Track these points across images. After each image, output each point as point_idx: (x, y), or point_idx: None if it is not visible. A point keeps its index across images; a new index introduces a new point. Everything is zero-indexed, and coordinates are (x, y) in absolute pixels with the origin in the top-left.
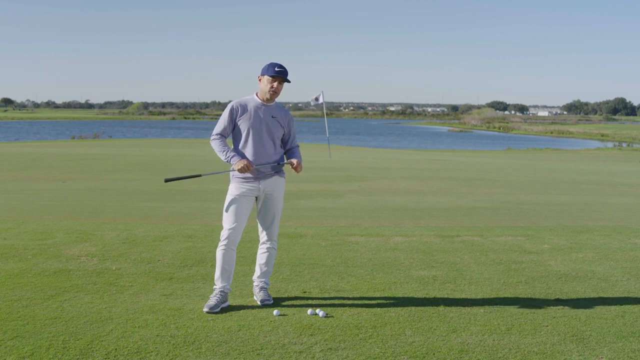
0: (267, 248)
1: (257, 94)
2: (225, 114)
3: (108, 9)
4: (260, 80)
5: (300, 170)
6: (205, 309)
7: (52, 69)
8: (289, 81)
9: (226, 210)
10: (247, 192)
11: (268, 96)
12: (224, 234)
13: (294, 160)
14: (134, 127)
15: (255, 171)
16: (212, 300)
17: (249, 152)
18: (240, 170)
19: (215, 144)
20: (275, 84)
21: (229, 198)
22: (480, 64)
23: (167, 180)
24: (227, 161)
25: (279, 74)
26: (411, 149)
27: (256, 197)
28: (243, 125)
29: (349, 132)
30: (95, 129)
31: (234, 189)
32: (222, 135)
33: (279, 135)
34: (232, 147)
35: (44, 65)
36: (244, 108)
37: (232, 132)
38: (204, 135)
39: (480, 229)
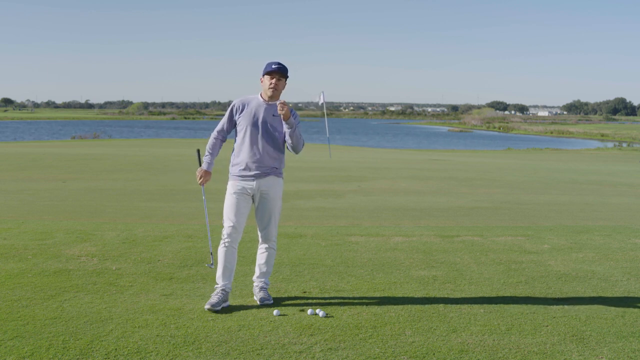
0: (266, 248)
1: (260, 94)
2: (227, 112)
3: (108, 9)
4: (262, 81)
5: (283, 109)
6: (207, 306)
7: (52, 69)
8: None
9: (225, 209)
10: (243, 190)
11: (270, 93)
12: (224, 232)
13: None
14: (130, 127)
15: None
16: (214, 298)
17: (245, 150)
18: (197, 178)
19: (209, 142)
20: (274, 81)
21: (227, 196)
22: (480, 64)
23: (198, 150)
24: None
25: (277, 70)
26: (410, 149)
27: (253, 196)
28: (242, 123)
29: (345, 132)
30: (94, 129)
31: (230, 186)
32: (220, 133)
33: (281, 135)
34: (234, 143)
35: (44, 65)
36: (245, 106)
37: (234, 129)
38: (202, 135)
39: (480, 229)
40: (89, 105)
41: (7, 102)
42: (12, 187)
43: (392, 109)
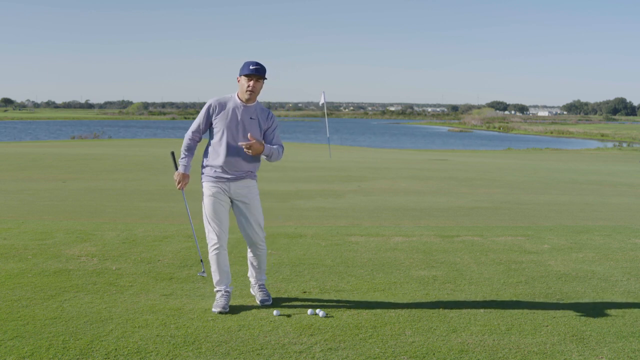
0: (255, 250)
1: (237, 94)
2: (202, 111)
3: (108, 9)
4: (239, 81)
5: (253, 149)
6: (217, 309)
7: (52, 69)
8: (265, 78)
9: (206, 214)
10: (218, 191)
11: (247, 96)
12: (211, 238)
13: (252, 139)
14: (130, 127)
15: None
16: (222, 300)
17: (221, 152)
18: (176, 182)
19: (184, 143)
20: (251, 83)
21: (205, 200)
22: (480, 64)
23: (172, 152)
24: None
25: (255, 72)
26: (410, 149)
27: (230, 197)
28: (219, 124)
29: (343, 132)
30: (94, 129)
31: (207, 188)
32: (195, 134)
33: (257, 138)
34: (207, 143)
35: (44, 65)
36: (222, 107)
37: (209, 130)
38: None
39: (480, 229)
40: (89, 105)
41: (7, 102)
42: (12, 187)
43: (392, 109)
